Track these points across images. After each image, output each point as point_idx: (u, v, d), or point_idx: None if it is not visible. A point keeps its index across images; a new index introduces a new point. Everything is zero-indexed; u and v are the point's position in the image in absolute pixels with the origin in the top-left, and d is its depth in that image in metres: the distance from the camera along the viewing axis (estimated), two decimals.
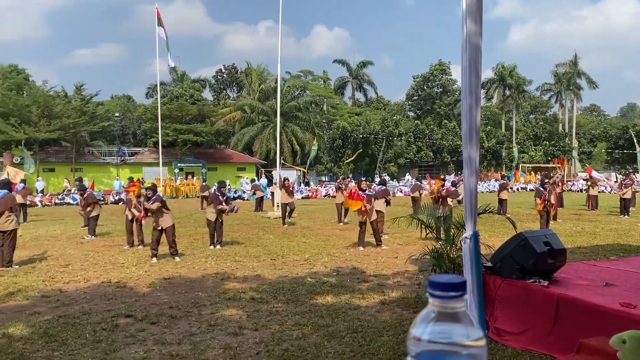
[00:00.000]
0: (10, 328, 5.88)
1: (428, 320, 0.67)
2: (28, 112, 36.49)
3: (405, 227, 11.13)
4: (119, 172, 39.79)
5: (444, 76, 58.73)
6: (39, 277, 8.86)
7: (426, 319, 0.68)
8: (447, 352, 0.64)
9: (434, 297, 0.67)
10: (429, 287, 0.67)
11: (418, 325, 0.68)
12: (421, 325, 0.68)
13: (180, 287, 8.06)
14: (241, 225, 16.90)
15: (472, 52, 4.79)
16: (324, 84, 61.90)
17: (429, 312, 0.68)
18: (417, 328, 0.68)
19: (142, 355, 5.01)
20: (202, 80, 58.20)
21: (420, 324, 0.68)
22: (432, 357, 0.64)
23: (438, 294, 0.66)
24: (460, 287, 0.66)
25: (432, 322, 0.67)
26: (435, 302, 0.67)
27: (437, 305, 0.67)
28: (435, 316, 0.67)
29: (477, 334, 0.65)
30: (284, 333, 5.62)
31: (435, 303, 0.67)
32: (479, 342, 0.65)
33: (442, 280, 0.67)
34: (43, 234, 15.29)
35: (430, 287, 0.67)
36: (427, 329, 0.67)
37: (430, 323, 0.67)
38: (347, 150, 48.65)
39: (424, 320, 0.68)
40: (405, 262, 9.50)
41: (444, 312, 0.66)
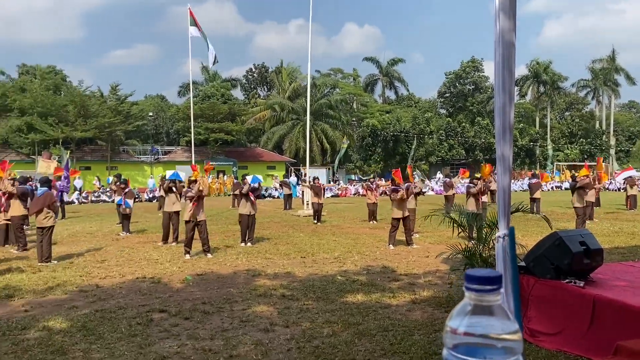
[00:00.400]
0: (50, 321, 6.07)
1: (464, 313, 0.68)
2: (65, 112, 37.52)
3: (436, 225, 11.04)
4: (153, 170, 40.59)
5: (476, 73, 57.86)
6: (77, 272, 9.12)
7: (462, 312, 0.69)
8: (483, 345, 0.64)
9: (470, 291, 0.68)
10: (466, 280, 0.68)
11: (454, 318, 0.69)
12: (457, 318, 0.69)
13: (212, 283, 8.19)
14: (271, 223, 17.04)
15: (506, 48, 4.73)
16: (354, 81, 61.76)
17: (465, 305, 0.69)
18: (454, 320, 0.69)
19: (176, 350, 5.11)
20: (233, 79, 58.83)
21: (456, 317, 0.69)
22: (468, 350, 0.65)
23: (474, 287, 0.67)
24: (496, 281, 0.67)
25: (468, 315, 0.68)
26: (472, 296, 0.68)
27: (473, 298, 0.68)
28: (472, 309, 0.68)
29: (512, 327, 0.65)
30: (314, 330, 5.65)
31: (472, 296, 0.68)
32: (514, 336, 0.65)
33: (478, 273, 0.67)
34: (80, 230, 15.72)
35: (466, 281, 0.68)
36: (463, 321, 0.68)
37: (467, 316, 0.68)
38: (377, 149, 48.47)
39: (460, 313, 0.69)
40: (436, 261, 9.44)
41: (479, 305, 0.67)
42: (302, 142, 43.54)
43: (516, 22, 4.75)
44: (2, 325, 5.93)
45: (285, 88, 49.85)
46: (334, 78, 58.51)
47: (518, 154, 50.09)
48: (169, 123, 51.97)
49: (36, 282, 8.26)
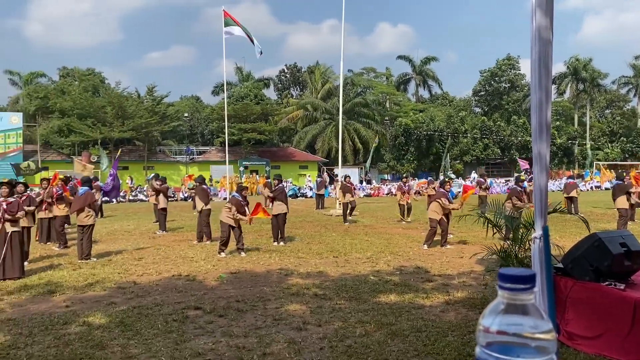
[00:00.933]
0: (90, 317, 6.26)
1: (497, 312, 0.68)
2: (104, 113, 38.51)
3: (470, 225, 10.89)
4: (188, 170, 41.26)
5: (512, 71, 56.75)
6: (115, 269, 9.36)
7: (495, 310, 0.68)
8: (516, 344, 0.64)
9: (503, 289, 0.68)
10: (499, 279, 0.68)
11: (487, 316, 0.69)
12: (490, 316, 0.69)
13: (246, 281, 8.28)
14: (303, 223, 17.11)
15: (542, 45, 4.63)
16: (387, 80, 61.43)
17: (498, 304, 0.69)
18: (487, 319, 0.69)
19: (211, 347, 5.19)
20: (266, 79, 59.29)
21: (489, 315, 0.69)
22: (501, 348, 0.65)
23: (507, 286, 0.67)
24: (530, 280, 0.66)
25: (501, 313, 0.68)
26: (505, 294, 0.68)
27: (506, 297, 0.68)
28: (505, 308, 0.67)
29: (546, 327, 0.65)
30: (347, 330, 5.65)
31: (505, 295, 0.68)
32: (547, 335, 0.65)
33: (511, 272, 0.67)
34: (118, 228, 16.12)
35: (499, 280, 0.68)
36: (496, 319, 0.67)
37: (500, 314, 0.68)
38: (410, 148, 48.07)
39: (493, 312, 0.69)
40: (470, 261, 9.31)
41: (513, 304, 0.67)
42: (334, 141, 43.56)
43: (553, 19, 4.66)
44: (45, 320, 6.14)
45: (318, 88, 49.97)
46: (367, 77, 58.31)
47: (556, 153, 48.91)
48: (204, 123, 52.76)
49: (76, 279, 8.51)
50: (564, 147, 50.59)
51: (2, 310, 6.70)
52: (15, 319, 6.21)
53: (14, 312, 6.62)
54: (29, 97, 43.77)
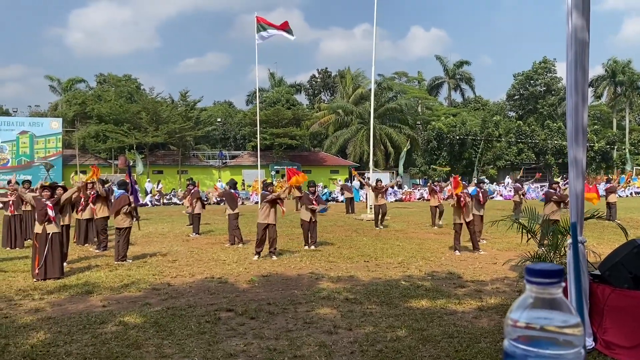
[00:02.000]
0: (126, 317, 6.41)
1: (525, 306, 0.69)
2: (139, 119, 39.39)
3: (504, 231, 10.71)
4: (221, 174, 41.82)
5: (548, 74, 55.61)
6: (150, 271, 9.56)
7: (523, 304, 0.69)
8: (544, 338, 0.65)
9: (531, 284, 0.69)
10: (526, 274, 0.69)
11: (515, 310, 0.70)
12: (518, 310, 0.69)
13: (277, 284, 8.34)
14: (334, 227, 17.12)
15: (579, 47, 4.56)
16: (419, 85, 61.01)
17: (526, 298, 0.69)
18: (515, 312, 0.70)
19: (242, 348, 5.25)
20: (298, 84, 59.64)
21: (517, 309, 0.70)
22: (529, 343, 0.66)
23: (535, 280, 0.68)
24: (557, 274, 0.67)
25: (529, 307, 0.68)
26: (533, 289, 0.69)
27: (534, 291, 0.68)
28: (533, 302, 0.68)
29: (574, 321, 0.65)
30: (378, 334, 5.64)
31: (533, 289, 0.69)
32: (575, 329, 0.65)
33: (539, 267, 0.68)
34: (153, 231, 16.44)
35: (527, 274, 0.69)
36: (524, 313, 0.68)
37: (528, 308, 0.68)
38: (443, 152, 47.56)
39: (521, 306, 0.70)
40: (504, 268, 9.16)
41: (540, 297, 0.67)
42: (366, 146, 43.47)
43: (590, 20, 4.58)
44: (83, 319, 6.31)
45: (349, 92, 49.98)
46: (399, 82, 58.02)
47: (593, 158, 47.63)
48: (236, 128, 53.39)
49: (113, 280, 8.73)
50: (602, 152, 49.23)
51: (42, 309, 6.93)
52: (54, 318, 6.41)
53: (53, 311, 6.83)
54: (68, 103, 45.10)
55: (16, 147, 37.55)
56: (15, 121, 39.19)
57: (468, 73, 59.86)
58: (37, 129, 38.16)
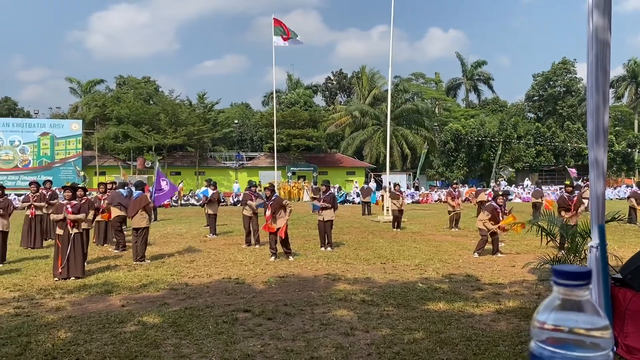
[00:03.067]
0: (144, 316, 6.47)
1: (552, 308, 0.68)
2: (157, 120, 39.79)
3: (523, 234, 10.58)
4: (237, 175, 42.06)
5: (567, 75, 54.92)
6: (168, 271, 9.64)
7: (550, 306, 0.69)
8: (572, 341, 0.64)
9: (559, 285, 0.68)
10: (554, 275, 0.68)
11: (542, 312, 0.69)
12: (545, 312, 0.69)
13: (293, 285, 8.36)
14: (351, 229, 17.09)
15: (600, 48, 4.50)
16: (436, 86, 60.69)
17: (554, 299, 0.69)
18: (542, 314, 0.69)
19: (259, 349, 5.27)
20: (314, 86, 59.72)
21: (544, 311, 0.69)
22: (557, 345, 0.65)
23: (562, 282, 0.67)
24: (585, 277, 0.66)
25: (557, 309, 0.68)
26: (560, 290, 0.68)
27: (561, 293, 0.68)
28: (560, 304, 0.67)
29: (602, 323, 0.65)
30: (395, 337, 5.61)
31: (560, 291, 0.68)
32: (604, 332, 0.65)
33: (567, 269, 0.67)
34: (171, 232, 16.58)
35: (554, 276, 0.68)
36: (551, 315, 0.68)
37: (555, 310, 0.68)
38: (460, 154, 47.20)
39: (548, 307, 0.69)
40: (523, 271, 9.06)
41: (568, 299, 0.67)
42: (382, 147, 43.36)
43: (612, 20, 4.51)
44: (102, 319, 6.39)
45: (365, 94, 49.91)
46: (416, 83, 57.78)
47: (614, 159, 46.88)
48: (253, 130, 53.65)
49: (132, 280, 8.82)
50: (623, 154, 48.45)
51: (63, 308, 7.03)
52: (75, 317, 6.50)
53: (73, 310, 6.92)
54: (88, 105, 45.78)
55: (37, 149, 38.17)
56: (37, 123, 39.86)
57: (487, 73, 59.40)
58: (58, 131, 38.76)
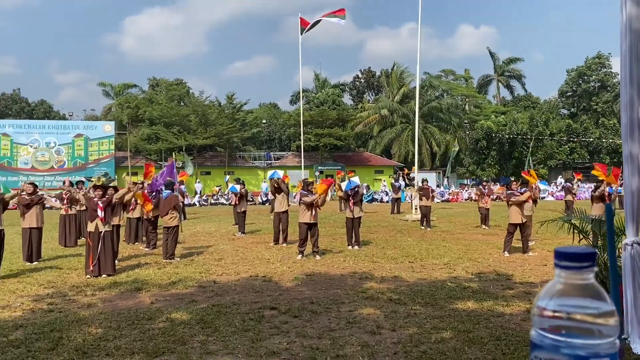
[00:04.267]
0: (173, 313, 6.55)
1: (553, 292, 0.64)
2: (188, 121, 40.33)
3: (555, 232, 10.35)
4: (266, 174, 42.27)
5: (602, 70, 53.42)
6: (197, 269, 9.75)
7: (551, 291, 0.64)
8: (575, 328, 0.59)
9: (560, 268, 0.63)
10: (555, 257, 0.64)
11: (543, 297, 0.65)
12: (546, 297, 0.64)
13: (320, 283, 8.35)
14: (378, 227, 16.99)
15: (634, 37, 4.34)
16: (466, 82, 59.83)
17: (555, 284, 0.64)
18: (542, 300, 0.64)
19: (285, 346, 5.27)
20: (342, 85, 59.58)
21: (545, 296, 0.65)
22: (559, 333, 0.60)
23: (564, 264, 0.62)
24: (589, 258, 0.61)
25: (558, 294, 0.63)
26: (562, 274, 0.63)
27: (563, 276, 0.63)
28: (562, 288, 0.63)
29: (607, 308, 0.60)
30: (422, 335, 5.54)
31: (562, 274, 0.63)
32: (608, 318, 0.60)
33: (569, 250, 0.62)
34: (200, 230, 16.78)
35: (556, 258, 0.64)
36: (552, 301, 0.63)
37: (556, 295, 0.63)
38: (492, 152, 46.43)
39: (549, 292, 0.64)
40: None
41: (571, 283, 0.62)
42: (411, 145, 42.99)
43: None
44: (132, 315, 6.50)
45: (394, 92, 49.55)
46: (445, 80, 57.08)
47: None
48: (281, 130, 53.87)
49: (161, 277, 8.95)
50: None
51: (94, 304, 7.17)
52: (105, 313, 6.63)
53: (104, 306, 7.06)
54: (121, 107, 46.72)
55: (72, 150, 39.14)
56: (71, 125, 40.88)
57: (518, 70, 58.27)
58: (91, 132, 39.67)
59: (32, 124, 41.27)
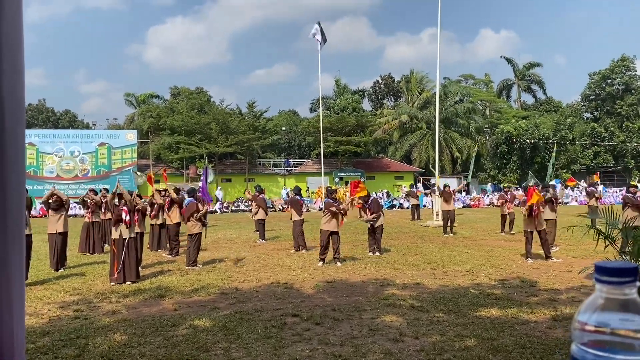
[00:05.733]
0: (196, 320, 6.60)
1: (595, 307, 0.63)
2: (209, 129, 40.71)
3: (580, 238, 10.17)
4: (286, 181, 42.42)
5: (627, 72, 52.46)
6: (219, 276, 9.81)
7: (593, 306, 0.63)
8: (617, 344, 0.59)
9: (602, 283, 0.63)
10: (596, 272, 0.63)
11: (584, 312, 0.64)
12: (587, 312, 0.64)
13: (342, 290, 8.33)
14: (399, 234, 16.90)
15: None
16: (486, 87, 59.33)
17: (596, 298, 0.63)
18: (583, 314, 0.64)
19: (308, 354, 5.26)
20: (361, 91, 59.57)
21: (586, 310, 0.64)
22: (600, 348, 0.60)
23: (606, 279, 0.62)
24: (631, 273, 0.61)
25: (600, 309, 0.62)
26: (603, 289, 0.63)
27: (605, 291, 0.62)
28: (603, 303, 0.62)
29: None
30: (445, 343, 5.49)
31: (603, 289, 0.63)
32: None
33: (611, 265, 0.62)
34: (221, 237, 16.89)
35: (597, 272, 0.63)
36: (593, 315, 0.62)
37: (598, 310, 0.62)
38: (513, 157, 45.91)
39: (590, 307, 0.64)
40: (580, 276, 8.69)
41: (612, 298, 0.61)
42: (431, 151, 42.73)
43: None
44: (155, 322, 6.56)
45: (414, 97, 49.37)
46: (465, 85, 56.67)
47: None
48: (300, 137, 54.02)
49: (184, 284, 9.03)
50: None
51: (118, 311, 7.27)
52: (129, 320, 6.71)
53: (128, 313, 7.14)
54: (143, 116, 47.39)
55: (95, 159, 39.77)
56: (95, 134, 41.58)
57: (537, 75, 57.61)
58: (114, 141, 40.26)
59: (57, 133, 42.08)
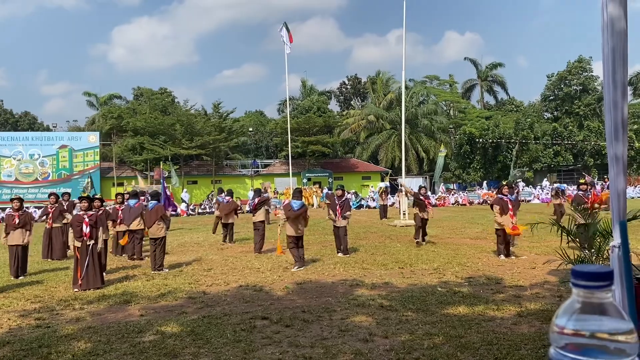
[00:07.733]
0: (163, 326, 6.48)
1: (572, 311, 0.63)
2: (173, 131, 40.12)
3: (543, 236, 10.42)
4: (253, 183, 42.14)
5: (583, 74, 54.12)
6: (186, 280, 9.67)
7: (570, 310, 0.64)
8: (594, 346, 0.59)
9: (578, 287, 0.63)
10: (572, 276, 0.64)
11: (561, 316, 0.65)
12: (565, 316, 0.64)
13: (311, 292, 8.31)
14: (367, 234, 17.00)
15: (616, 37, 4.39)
16: (450, 88, 60.34)
17: (573, 303, 0.64)
18: (561, 318, 0.64)
19: (278, 357, 5.23)
20: (328, 92, 59.76)
21: (563, 314, 0.64)
22: (578, 352, 0.60)
23: (582, 283, 0.62)
24: (607, 277, 0.61)
25: (577, 313, 0.63)
26: (580, 292, 0.63)
27: (581, 295, 0.63)
28: (580, 307, 0.63)
29: (626, 327, 0.59)
30: (414, 342, 5.54)
31: (580, 293, 0.63)
32: (628, 336, 0.60)
33: (587, 269, 0.62)
34: (188, 240, 16.66)
35: (573, 277, 0.63)
36: (571, 319, 0.63)
37: (575, 314, 0.63)
38: (476, 156, 46.82)
39: (567, 311, 0.64)
40: (543, 272, 8.91)
41: (589, 302, 0.62)
42: (397, 151, 43.18)
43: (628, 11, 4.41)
44: (121, 329, 6.41)
45: (380, 98, 49.81)
46: (430, 85, 57.49)
47: (634, 158, 46.05)
48: (268, 137, 53.81)
49: (150, 289, 8.85)
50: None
51: (82, 319, 7.07)
52: (94, 327, 6.53)
53: (93, 320, 6.96)
54: (104, 117, 46.34)
55: (56, 161, 38.72)
56: (55, 136, 40.46)
57: (500, 76, 58.94)
58: (76, 143, 39.29)
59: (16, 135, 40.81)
